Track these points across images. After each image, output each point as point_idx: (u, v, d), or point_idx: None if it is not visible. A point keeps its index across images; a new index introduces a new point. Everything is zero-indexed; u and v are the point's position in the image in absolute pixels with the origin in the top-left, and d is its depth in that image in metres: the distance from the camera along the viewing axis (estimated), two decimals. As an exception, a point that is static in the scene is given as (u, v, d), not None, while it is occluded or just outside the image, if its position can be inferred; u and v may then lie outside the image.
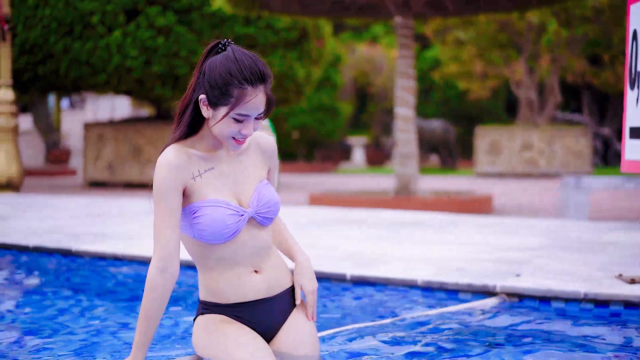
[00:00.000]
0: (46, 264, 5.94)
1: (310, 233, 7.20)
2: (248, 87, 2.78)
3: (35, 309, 4.43)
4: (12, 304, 4.58)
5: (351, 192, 13.35)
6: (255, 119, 2.84)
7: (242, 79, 2.78)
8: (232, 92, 2.78)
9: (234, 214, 2.86)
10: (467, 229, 7.48)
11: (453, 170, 28.04)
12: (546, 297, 4.45)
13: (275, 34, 17.42)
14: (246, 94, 2.78)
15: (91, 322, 4.05)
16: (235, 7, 12.87)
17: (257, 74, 2.79)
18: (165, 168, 2.83)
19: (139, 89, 17.15)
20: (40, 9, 16.61)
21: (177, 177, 2.83)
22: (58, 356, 3.32)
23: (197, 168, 2.89)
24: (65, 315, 4.24)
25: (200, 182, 2.88)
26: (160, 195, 2.83)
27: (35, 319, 4.14)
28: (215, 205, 2.85)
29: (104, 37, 16.49)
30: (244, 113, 2.80)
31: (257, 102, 2.80)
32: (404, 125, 12.60)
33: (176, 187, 2.83)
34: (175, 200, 2.84)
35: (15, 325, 3.99)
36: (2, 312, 4.30)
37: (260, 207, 2.93)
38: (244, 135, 2.84)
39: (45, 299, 4.76)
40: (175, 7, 16.66)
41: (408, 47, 12.49)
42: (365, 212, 9.25)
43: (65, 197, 11.82)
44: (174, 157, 2.85)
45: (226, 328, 2.93)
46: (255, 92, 2.79)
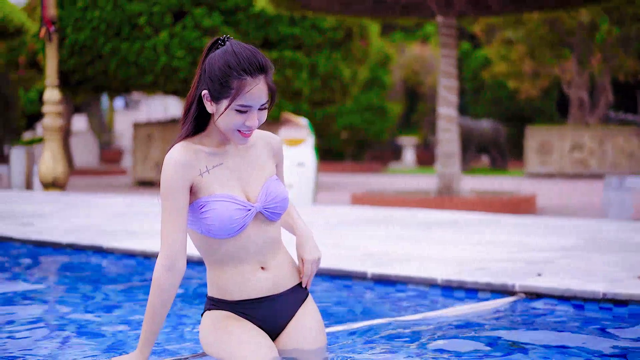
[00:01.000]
0: (77, 260, 6.06)
1: (337, 232, 7.22)
2: (247, 78, 2.80)
3: (63, 304, 4.52)
4: (40, 297, 4.68)
5: (393, 192, 13.33)
6: (259, 110, 2.87)
7: (240, 70, 2.80)
8: (232, 84, 2.80)
9: (240, 208, 2.89)
10: (499, 229, 7.44)
11: (503, 170, 27.81)
12: (564, 297, 4.41)
13: (320, 34, 17.46)
14: (246, 85, 2.80)
15: (113, 317, 4.13)
16: (277, 7, 12.93)
17: (256, 64, 2.82)
18: (172, 167, 2.87)
19: (185, 89, 17.32)
20: (90, 11, 16.88)
21: (184, 175, 2.87)
22: (87, 352, 3.38)
23: (204, 164, 2.91)
24: (92, 312, 4.32)
25: (208, 177, 2.91)
26: (167, 194, 2.87)
27: (64, 313, 4.23)
28: (223, 200, 2.88)
29: (151, 38, 16.69)
30: (245, 104, 2.82)
31: (258, 92, 2.82)
32: (447, 125, 12.55)
33: (183, 186, 2.87)
34: (182, 198, 2.87)
35: (38, 322, 4.08)
36: (31, 303, 4.40)
37: (268, 202, 2.95)
38: (248, 127, 2.86)
39: (73, 293, 4.86)
40: (221, 7, 16.80)
41: (450, 46, 12.43)
42: (400, 212, 9.24)
43: (109, 196, 12.00)
44: (181, 155, 2.88)
45: (231, 325, 2.95)
46: (254, 82, 2.81)
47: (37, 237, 6.59)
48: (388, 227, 7.65)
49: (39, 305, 4.45)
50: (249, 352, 2.88)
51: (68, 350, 3.38)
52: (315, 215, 8.74)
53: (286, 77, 17.23)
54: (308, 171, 10.64)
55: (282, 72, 17.15)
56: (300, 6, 13.05)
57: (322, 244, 6.23)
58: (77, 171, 25.41)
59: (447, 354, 3.36)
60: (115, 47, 16.73)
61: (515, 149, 31.26)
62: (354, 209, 9.62)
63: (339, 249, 5.96)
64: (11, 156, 13.57)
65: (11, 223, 7.63)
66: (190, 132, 2.99)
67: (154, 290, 2.87)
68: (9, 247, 6.64)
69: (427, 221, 8.14)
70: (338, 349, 3.37)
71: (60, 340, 3.60)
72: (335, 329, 3.73)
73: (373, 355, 3.30)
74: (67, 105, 29.55)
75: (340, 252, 5.80)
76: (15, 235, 6.70)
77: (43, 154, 12.82)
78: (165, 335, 3.63)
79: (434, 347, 3.49)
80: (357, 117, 29.70)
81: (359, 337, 3.65)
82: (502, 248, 6.07)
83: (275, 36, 17.02)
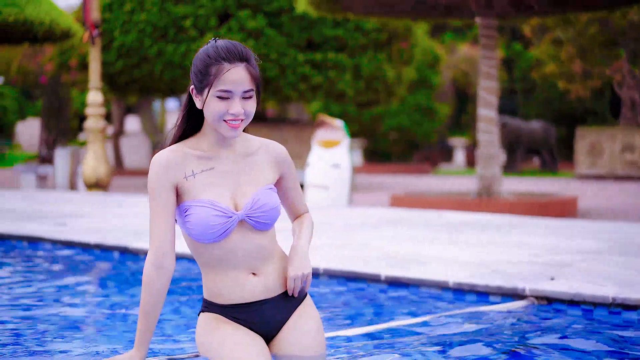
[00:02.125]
0: (103, 260, 6.16)
1: (357, 233, 7.24)
2: (225, 64, 2.85)
3: (84, 302, 4.61)
4: (61, 296, 4.78)
5: (433, 194, 13.28)
6: (243, 99, 2.89)
7: (219, 57, 2.86)
8: (211, 71, 2.85)
9: (220, 215, 2.90)
10: (527, 232, 7.38)
11: (554, 172, 27.48)
12: (574, 301, 4.37)
13: (364, 36, 17.46)
14: (223, 69, 2.84)
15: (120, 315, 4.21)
16: (318, 10, 12.97)
17: (234, 52, 2.86)
18: (156, 167, 2.92)
19: (229, 90, 17.45)
20: (136, 14, 17.11)
21: (168, 176, 2.91)
22: (111, 348, 3.45)
23: (191, 168, 2.94)
24: (115, 308, 4.41)
25: (193, 181, 2.94)
26: (152, 193, 2.92)
27: (90, 311, 4.33)
28: (202, 206, 2.90)
29: (196, 41, 16.85)
30: (225, 88, 2.85)
31: (236, 76, 2.85)
32: (487, 127, 12.46)
33: (167, 187, 2.91)
34: (167, 198, 2.91)
35: (58, 319, 4.17)
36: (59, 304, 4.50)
37: (253, 211, 2.94)
38: (233, 115, 2.87)
39: (99, 291, 4.96)
40: (265, 10, 16.90)
41: (491, 47, 12.35)
42: (429, 214, 9.21)
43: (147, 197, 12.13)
44: (166, 157, 2.93)
45: (222, 329, 2.98)
46: (232, 67, 2.85)
47: (65, 237, 6.71)
48: (412, 229, 7.63)
49: (54, 304, 4.55)
50: (238, 356, 2.90)
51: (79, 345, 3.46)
52: (341, 214, 8.75)
53: (330, 79, 17.26)
54: (343, 173, 10.67)
55: (326, 74, 17.18)
56: (341, 9, 13.07)
57: (339, 245, 6.27)
58: (126, 171, 25.73)
59: (451, 359, 3.36)
60: (161, 49, 16.93)
61: (566, 150, 30.86)
62: (382, 210, 9.60)
63: (357, 251, 5.98)
64: (56, 157, 13.80)
65: (45, 223, 7.78)
66: (182, 134, 3.04)
67: (145, 289, 2.92)
68: (38, 247, 6.78)
69: (454, 223, 8.11)
70: (344, 352, 3.39)
71: (69, 338, 3.68)
72: (337, 333, 3.75)
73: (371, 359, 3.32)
74: (119, 107, 29.96)
75: (356, 254, 5.81)
76: (45, 235, 6.84)
77: (86, 155, 13.03)
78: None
79: (437, 350, 3.48)
80: (404, 118, 29.60)
81: (360, 340, 3.67)
82: (525, 251, 6.03)
83: (319, 38, 17.07)
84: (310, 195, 10.85)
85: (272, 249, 3.05)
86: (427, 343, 3.62)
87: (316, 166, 10.79)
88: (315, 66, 17.11)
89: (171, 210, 2.93)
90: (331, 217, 8.66)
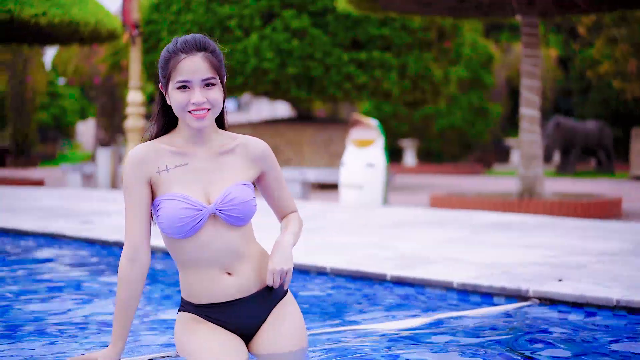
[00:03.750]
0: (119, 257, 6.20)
1: (376, 232, 7.21)
2: (181, 55, 2.87)
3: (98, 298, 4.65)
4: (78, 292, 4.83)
5: (474, 194, 13.12)
6: (205, 87, 2.89)
7: (176, 49, 2.89)
8: (169, 64, 2.88)
9: (189, 208, 2.89)
10: (553, 232, 7.24)
11: (611, 173, 26.97)
12: (578, 303, 4.26)
13: (410, 35, 17.34)
14: (180, 60, 2.86)
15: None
16: (358, 7, 12.91)
17: (191, 42, 2.89)
18: (130, 162, 2.96)
19: (275, 90, 17.49)
20: (183, 14, 17.23)
21: (141, 171, 2.93)
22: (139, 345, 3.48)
23: (165, 163, 2.96)
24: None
25: (166, 176, 2.95)
26: (125, 189, 2.96)
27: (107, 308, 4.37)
28: (172, 199, 2.90)
29: (241, 41, 16.91)
30: (182, 78, 2.86)
31: (192, 65, 2.86)
32: (529, 126, 12.25)
33: (139, 181, 2.93)
34: (140, 193, 2.94)
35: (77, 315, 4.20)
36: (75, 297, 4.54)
37: (224, 205, 2.93)
38: (195, 104, 2.88)
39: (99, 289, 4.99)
40: (310, 9, 16.88)
41: (533, 45, 12.15)
42: (463, 214, 9.11)
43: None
44: (139, 153, 2.95)
45: (197, 329, 2.98)
46: (188, 56, 2.87)
47: (86, 235, 6.78)
48: (435, 229, 7.55)
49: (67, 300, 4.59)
50: (211, 356, 2.90)
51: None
52: (373, 215, 8.70)
53: (375, 78, 17.18)
54: (377, 172, 10.59)
55: (371, 73, 17.11)
56: (381, 7, 13.00)
57: (353, 243, 6.22)
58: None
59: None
60: (207, 49, 17.02)
61: (624, 151, 30.28)
62: (414, 210, 9.55)
63: (369, 250, 5.94)
64: (98, 156, 13.97)
65: (71, 221, 7.88)
66: (159, 130, 3.05)
67: (120, 284, 2.94)
68: (60, 244, 6.86)
69: (483, 224, 8.00)
70: (342, 349, 3.38)
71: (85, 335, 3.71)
72: (334, 329, 3.73)
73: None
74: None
75: (367, 253, 5.78)
76: (68, 233, 6.92)
77: (125, 154, 13.16)
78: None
79: (435, 349, 3.45)
80: (456, 118, 29.35)
81: (361, 337, 3.64)
82: (542, 252, 5.92)
83: (364, 37, 16.99)
84: (344, 195, 10.80)
85: (248, 247, 3.03)
86: (422, 344, 3.57)
87: (350, 166, 10.73)
88: (361, 65, 17.04)
89: (145, 205, 2.94)
90: (359, 217, 8.62)
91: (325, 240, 6.64)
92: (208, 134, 3.00)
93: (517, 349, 3.50)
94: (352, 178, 10.65)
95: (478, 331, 3.86)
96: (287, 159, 18.35)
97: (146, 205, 2.94)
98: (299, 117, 20.31)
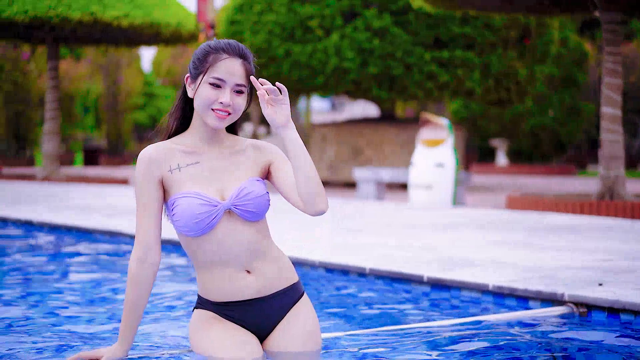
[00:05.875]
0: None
1: (427, 233, 7.16)
2: (223, 54, 2.91)
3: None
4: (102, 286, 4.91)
5: (552, 195, 12.80)
6: (235, 93, 2.91)
7: (218, 47, 2.93)
8: (209, 58, 2.91)
9: (204, 204, 2.90)
10: (613, 235, 7.01)
11: None
12: (613, 309, 4.10)
13: (494, 33, 17.06)
14: (221, 58, 2.90)
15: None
16: (434, 6, 12.75)
17: (235, 47, 2.93)
18: (140, 162, 2.98)
19: (355, 90, 17.46)
20: (265, 14, 17.36)
21: (152, 171, 2.94)
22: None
23: (177, 162, 2.98)
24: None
25: (179, 175, 2.96)
26: (137, 189, 2.98)
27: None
28: (187, 196, 2.92)
29: (322, 40, 16.94)
30: (219, 76, 2.89)
31: (232, 66, 2.90)
32: (611, 126, 11.90)
33: (151, 181, 2.95)
34: (152, 193, 2.95)
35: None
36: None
37: (239, 200, 2.94)
38: (223, 104, 2.89)
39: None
40: (392, 8, 16.79)
41: (615, 43, 11.80)
42: (532, 215, 8.91)
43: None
44: (150, 152, 2.97)
45: (213, 327, 2.99)
46: (230, 57, 2.90)
47: (104, 227, 6.95)
48: (492, 230, 7.42)
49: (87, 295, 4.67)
50: (226, 354, 2.91)
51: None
52: (427, 215, 8.59)
53: (457, 77, 16.98)
54: (447, 172, 10.45)
55: (454, 72, 16.91)
56: (458, 5, 12.81)
57: (396, 245, 6.17)
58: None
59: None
60: (288, 49, 17.11)
61: None
62: (481, 211, 9.40)
63: (413, 251, 5.88)
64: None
65: (97, 215, 8.08)
66: (173, 130, 3.07)
67: (129, 283, 2.97)
68: (82, 237, 7.04)
69: (545, 225, 7.83)
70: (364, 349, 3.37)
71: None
72: (364, 331, 3.72)
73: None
74: (258, 108, 30.48)
75: (409, 254, 5.72)
76: (90, 226, 7.12)
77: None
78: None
79: (460, 353, 3.41)
80: (548, 117, 28.72)
81: (392, 338, 3.61)
82: (595, 255, 5.73)
83: (447, 36, 16.81)
84: (413, 195, 10.71)
85: (265, 245, 3.03)
86: (447, 346, 3.52)
87: (420, 166, 10.63)
88: (442, 64, 16.86)
89: (156, 205, 2.96)
90: (418, 218, 8.53)
91: (369, 240, 6.65)
92: (220, 136, 3.04)
93: (544, 354, 3.42)
94: (421, 178, 10.54)
95: (505, 336, 3.77)
96: (367, 159, 18.30)
97: (157, 205, 2.96)
98: (382, 117, 20.23)
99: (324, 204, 2.95)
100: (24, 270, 5.64)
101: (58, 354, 3.24)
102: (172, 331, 3.69)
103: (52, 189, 12.73)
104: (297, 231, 7.04)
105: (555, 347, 3.57)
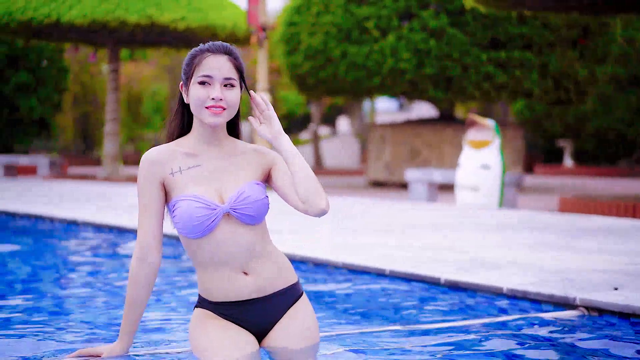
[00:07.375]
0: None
1: (458, 235, 7.12)
2: (207, 53, 2.99)
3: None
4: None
5: (606, 197, 12.60)
6: (225, 87, 2.98)
7: (203, 49, 3.02)
8: (194, 60, 3.00)
9: (203, 207, 2.97)
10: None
11: None
12: (624, 313, 4.06)
13: (552, 33, 16.84)
14: (205, 57, 2.99)
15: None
16: (486, 6, 12.67)
17: (219, 45, 3.02)
18: (143, 164, 3.06)
19: (412, 91, 17.41)
20: (322, 16, 17.44)
21: (154, 173, 3.03)
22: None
23: (178, 164, 3.05)
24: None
25: (180, 178, 3.04)
26: (139, 190, 3.06)
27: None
28: (187, 199, 2.99)
29: (378, 41, 16.94)
30: (205, 73, 2.97)
31: (218, 63, 2.98)
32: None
33: (153, 182, 3.03)
34: (153, 194, 3.04)
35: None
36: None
37: (237, 203, 2.99)
38: (214, 99, 2.96)
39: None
40: (448, 9, 16.71)
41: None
42: (578, 218, 8.79)
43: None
44: (152, 155, 3.06)
45: (212, 326, 3.06)
46: (214, 54, 2.99)
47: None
48: (527, 233, 7.36)
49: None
50: (222, 350, 2.97)
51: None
52: (462, 215, 8.53)
53: (515, 78, 16.81)
54: (493, 173, 10.38)
55: (511, 73, 16.75)
56: (511, 5, 12.71)
57: (421, 246, 6.16)
58: (324, 171, 26.32)
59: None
60: (345, 50, 17.16)
61: None
62: (527, 213, 9.29)
63: (437, 253, 5.88)
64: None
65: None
66: (173, 134, 3.15)
67: (129, 283, 3.05)
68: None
69: (581, 227, 7.73)
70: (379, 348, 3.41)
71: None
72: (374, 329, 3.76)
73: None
74: (319, 109, 30.61)
75: (433, 256, 5.72)
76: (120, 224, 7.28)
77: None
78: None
79: (468, 355, 3.42)
80: (613, 118, 28.14)
81: (403, 339, 3.64)
82: (621, 258, 5.65)
83: (504, 36, 16.65)
84: (460, 197, 10.65)
85: (263, 246, 3.08)
86: (454, 349, 3.53)
87: (466, 167, 10.57)
88: (500, 65, 16.71)
89: (157, 206, 3.04)
90: (459, 217, 8.48)
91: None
92: (220, 136, 3.09)
93: (552, 356, 3.43)
94: (467, 179, 10.49)
95: (514, 339, 3.76)
96: (425, 160, 18.23)
97: (159, 206, 3.04)
98: (440, 118, 20.13)
99: (323, 202, 3.01)
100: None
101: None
102: (172, 330, 3.76)
103: (108, 189, 12.95)
104: (341, 237, 7.06)
105: (563, 351, 3.54)
